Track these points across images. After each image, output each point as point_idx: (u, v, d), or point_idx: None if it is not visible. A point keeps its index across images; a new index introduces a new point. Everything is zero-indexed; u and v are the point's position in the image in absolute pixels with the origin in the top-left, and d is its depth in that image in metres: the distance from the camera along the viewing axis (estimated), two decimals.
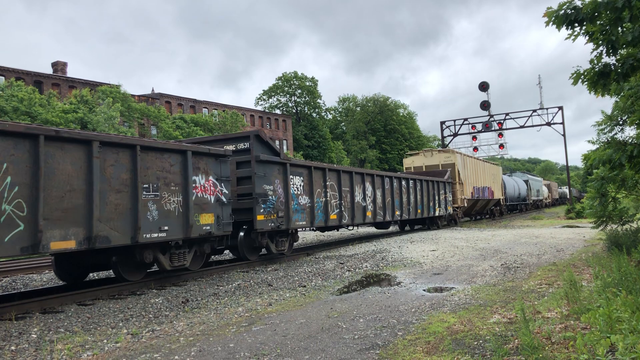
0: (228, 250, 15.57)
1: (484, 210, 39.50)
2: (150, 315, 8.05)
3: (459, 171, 30.79)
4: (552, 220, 34.46)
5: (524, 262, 12.50)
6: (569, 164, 49.62)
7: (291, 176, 14.51)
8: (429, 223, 27.31)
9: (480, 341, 5.57)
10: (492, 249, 15.68)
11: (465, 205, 31.60)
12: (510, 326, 6.12)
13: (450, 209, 28.96)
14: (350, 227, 22.74)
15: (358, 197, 18.33)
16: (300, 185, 14.98)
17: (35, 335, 6.80)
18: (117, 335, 6.80)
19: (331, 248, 18.05)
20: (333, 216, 16.63)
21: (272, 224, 13.49)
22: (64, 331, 7.08)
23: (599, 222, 13.13)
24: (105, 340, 6.54)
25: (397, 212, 21.73)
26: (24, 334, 6.87)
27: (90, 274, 13.03)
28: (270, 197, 13.46)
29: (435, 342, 5.66)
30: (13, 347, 6.25)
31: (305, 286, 10.33)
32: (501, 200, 41.48)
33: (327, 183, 16.39)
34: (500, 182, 41.66)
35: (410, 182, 23.59)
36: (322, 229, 19.59)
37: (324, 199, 16.15)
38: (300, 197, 14.88)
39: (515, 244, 17.28)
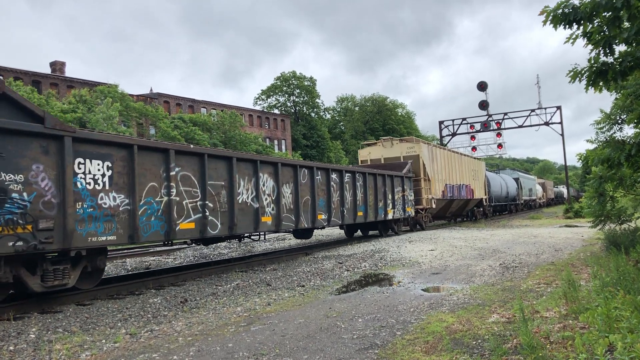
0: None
1: (462, 212, 34.78)
2: (149, 315, 8.04)
3: (424, 164, 25.54)
4: (550, 220, 34.50)
5: (523, 261, 12.51)
6: (569, 164, 49.59)
7: (79, 159, 8.87)
8: (382, 228, 22.17)
9: (479, 341, 5.58)
10: (491, 249, 15.69)
11: (434, 206, 26.22)
12: (508, 326, 6.12)
13: (411, 211, 23.58)
14: (255, 237, 16.74)
15: (245, 196, 12.57)
16: (104, 175, 9.30)
17: (33, 336, 6.79)
18: (116, 335, 6.80)
19: (330, 248, 18.05)
20: (187, 225, 10.87)
21: (20, 244, 7.79)
22: (63, 331, 7.08)
23: (597, 221, 13.14)
24: (103, 340, 6.53)
25: (322, 216, 15.92)
26: (23, 334, 6.86)
27: None
28: (14, 196, 7.86)
29: (434, 341, 5.66)
30: (11, 347, 6.24)
31: (304, 286, 10.33)
32: (484, 200, 36.57)
33: (174, 173, 10.57)
34: (484, 180, 36.93)
35: (346, 175, 17.66)
36: (201, 241, 13.98)
37: (164, 199, 10.35)
38: (102, 195, 9.21)
39: (513, 243, 17.29)
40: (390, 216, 21.11)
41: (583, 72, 8.10)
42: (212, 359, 5.51)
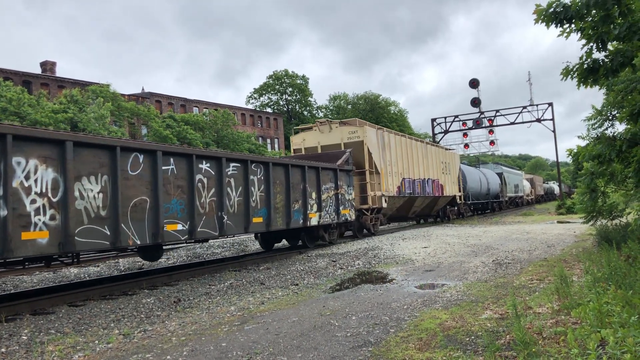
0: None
1: (431, 212, 29.46)
2: (142, 316, 8.01)
3: (370, 153, 20.41)
4: (542, 216, 34.69)
5: (515, 258, 12.56)
6: (561, 160, 49.59)
7: None
8: (306, 238, 16.96)
9: (473, 337, 5.59)
10: (484, 245, 15.75)
11: (385, 205, 21.12)
12: (502, 322, 6.14)
13: (349, 213, 18.13)
14: None
15: None
16: None
17: (25, 337, 6.75)
18: (109, 335, 6.77)
19: (323, 246, 18.04)
20: None
21: None
22: (55, 332, 7.04)
23: (589, 217, 13.23)
24: (96, 341, 6.50)
25: (177, 227, 10.57)
26: (15, 336, 6.81)
27: (81, 274, 12.99)
28: None
29: (428, 338, 5.67)
30: (3, 349, 6.20)
31: (297, 284, 10.32)
32: (457, 197, 31.66)
33: None
34: (457, 174, 32.24)
35: (230, 166, 12.34)
36: None
37: None
38: None
39: (506, 240, 17.37)
40: (314, 221, 15.77)
41: (574, 69, 8.19)
42: (206, 358, 5.50)
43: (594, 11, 7.41)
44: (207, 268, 12.73)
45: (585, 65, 8.07)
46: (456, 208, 32.21)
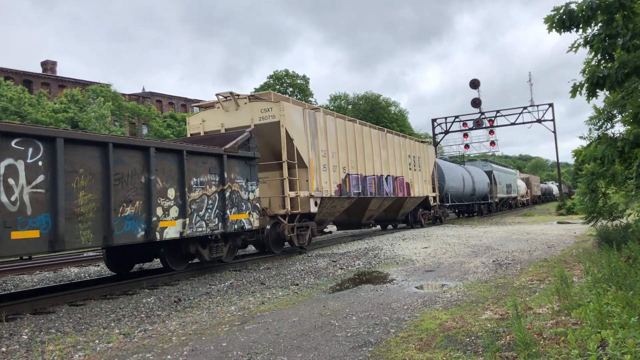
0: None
1: (396, 217, 24.50)
2: (143, 315, 8.02)
3: (291, 139, 15.26)
4: (543, 217, 34.70)
5: (516, 258, 12.56)
6: (562, 160, 49.52)
7: None
8: (167, 257, 11.64)
9: (473, 337, 5.60)
10: (484, 246, 15.75)
11: (315, 209, 15.90)
12: (502, 322, 6.15)
13: (250, 219, 12.84)
14: None
15: None
16: None
17: (26, 337, 6.75)
18: (109, 335, 6.77)
19: (323, 246, 18.05)
20: None
21: None
22: (55, 332, 7.04)
23: (590, 217, 13.24)
24: (97, 341, 6.50)
25: None
26: (15, 335, 6.82)
27: (81, 274, 13.01)
28: None
29: (428, 339, 5.67)
30: (4, 349, 6.21)
31: (297, 284, 10.32)
32: (431, 198, 26.82)
33: None
34: (431, 171, 27.48)
35: None
36: None
37: None
38: None
39: (506, 240, 17.37)
40: (172, 233, 10.39)
41: (582, 85, 8.43)
42: (206, 358, 5.50)
43: (600, 18, 7.56)
44: (207, 268, 12.73)
45: (591, 80, 8.27)
46: (432, 211, 27.56)
